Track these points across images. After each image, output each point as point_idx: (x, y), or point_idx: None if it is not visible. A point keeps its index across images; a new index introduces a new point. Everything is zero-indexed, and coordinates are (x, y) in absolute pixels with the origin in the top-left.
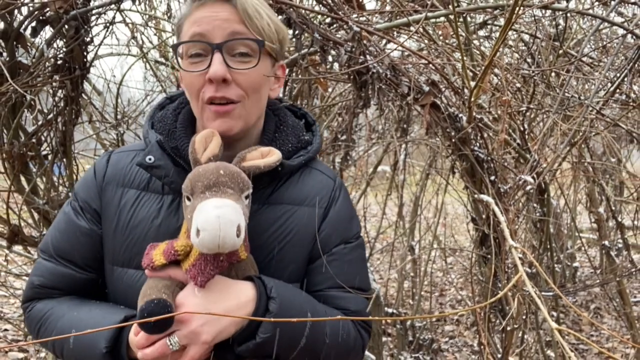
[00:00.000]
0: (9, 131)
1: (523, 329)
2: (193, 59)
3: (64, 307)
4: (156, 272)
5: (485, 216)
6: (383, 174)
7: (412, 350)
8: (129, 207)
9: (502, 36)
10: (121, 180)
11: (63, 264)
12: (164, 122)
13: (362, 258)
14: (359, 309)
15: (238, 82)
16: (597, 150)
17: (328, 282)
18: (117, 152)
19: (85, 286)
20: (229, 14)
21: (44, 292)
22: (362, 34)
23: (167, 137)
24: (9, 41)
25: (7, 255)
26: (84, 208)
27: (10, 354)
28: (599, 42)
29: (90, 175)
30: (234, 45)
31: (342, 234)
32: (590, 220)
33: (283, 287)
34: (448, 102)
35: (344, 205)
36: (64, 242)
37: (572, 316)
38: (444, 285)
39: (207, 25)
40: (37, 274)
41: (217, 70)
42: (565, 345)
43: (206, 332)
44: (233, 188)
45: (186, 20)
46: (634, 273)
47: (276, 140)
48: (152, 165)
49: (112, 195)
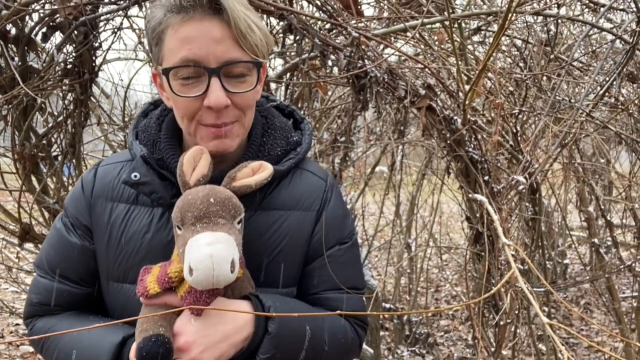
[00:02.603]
0: (20, 133)
1: (516, 323)
2: (184, 81)
3: (63, 325)
4: (151, 300)
5: (479, 215)
6: (381, 174)
7: (408, 344)
8: (120, 222)
9: (495, 41)
10: (110, 195)
11: (58, 280)
12: (148, 132)
13: (357, 257)
14: (355, 309)
15: (236, 104)
16: (587, 152)
17: (324, 285)
18: (103, 164)
19: (83, 301)
20: (220, 32)
21: (42, 310)
22: (361, 40)
23: (152, 147)
24: (20, 46)
25: (18, 253)
26: (74, 224)
27: (22, 348)
28: (589, 47)
29: (79, 190)
30: (231, 68)
31: (336, 235)
32: (581, 218)
33: (281, 304)
34: (443, 105)
35: (337, 206)
36: (58, 258)
37: (563, 311)
38: (439, 282)
39: (199, 50)
40: (34, 291)
41: (219, 98)
42: (556, 339)
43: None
44: (224, 217)
45: (169, 31)
46: (623, 270)
47: (264, 145)
48: (138, 182)
49: (101, 211)
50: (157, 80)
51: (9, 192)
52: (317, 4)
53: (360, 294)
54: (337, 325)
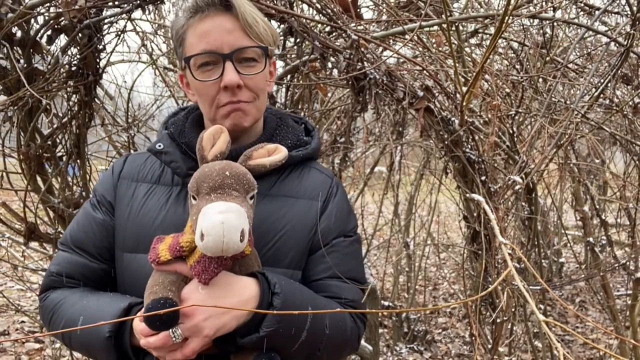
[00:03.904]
0: (25, 134)
1: (512, 321)
2: (204, 68)
3: (75, 297)
4: (162, 267)
5: (476, 214)
6: (380, 174)
7: (407, 340)
8: (141, 198)
9: (492, 44)
10: (135, 176)
11: (78, 252)
12: (176, 124)
13: (359, 252)
14: (355, 298)
15: (249, 86)
16: (582, 152)
17: (327, 272)
18: (134, 154)
19: (98, 276)
20: (231, 25)
21: (59, 281)
22: (360, 42)
23: (179, 135)
24: (26, 48)
25: (24, 251)
26: (100, 202)
27: (27, 345)
28: (584, 50)
29: (109, 173)
30: (242, 53)
31: (341, 227)
32: (576, 218)
33: (286, 283)
34: (441, 107)
35: (342, 200)
36: (80, 232)
37: (559, 309)
38: (437, 280)
39: (215, 40)
40: (54, 262)
41: (232, 78)
42: (552, 336)
43: (208, 327)
44: (238, 190)
45: (190, 31)
46: (617, 268)
47: (276, 136)
48: (161, 151)
49: (125, 189)
50: (184, 80)
51: (15, 191)
52: (317, 7)
53: (361, 287)
54: (337, 315)
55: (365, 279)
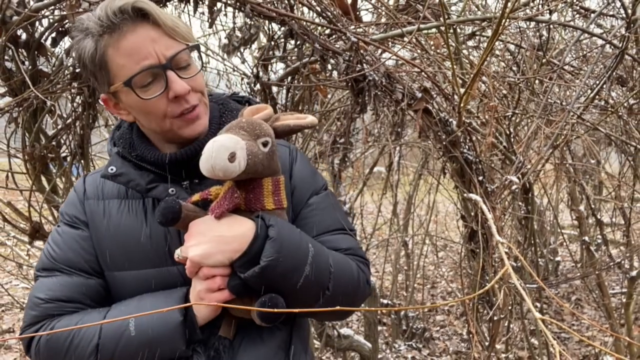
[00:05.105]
0: (30, 134)
1: (509, 318)
2: (147, 87)
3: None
4: None
5: (473, 214)
6: (378, 174)
7: (405, 338)
8: (115, 214)
9: (489, 46)
10: (99, 194)
11: (71, 272)
12: (124, 137)
13: (337, 204)
14: (351, 246)
15: (194, 88)
16: (578, 153)
17: (314, 230)
18: (90, 174)
19: (99, 294)
20: (155, 33)
21: (55, 307)
22: (359, 44)
23: (129, 148)
24: (30, 51)
25: (29, 250)
26: (74, 222)
27: None
28: (580, 52)
29: (72, 195)
30: (178, 59)
31: (311, 187)
32: (572, 217)
33: (282, 221)
34: (439, 108)
35: (304, 164)
36: (66, 252)
37: (555, 307)
38: (435, 278)
39: (148, 54)
40: (41, 290)
41: (181, 86)
42: (548, 333)
43: (192, 251)
44: (247, 131)
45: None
46: (612, 267)
47: (223, 124)
48: (115, 174)
49: (95, 208)
50: (110, 103)
51: (20, 191)
52: (318, 10)
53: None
54: (340, 256)
55: (352, 226)
